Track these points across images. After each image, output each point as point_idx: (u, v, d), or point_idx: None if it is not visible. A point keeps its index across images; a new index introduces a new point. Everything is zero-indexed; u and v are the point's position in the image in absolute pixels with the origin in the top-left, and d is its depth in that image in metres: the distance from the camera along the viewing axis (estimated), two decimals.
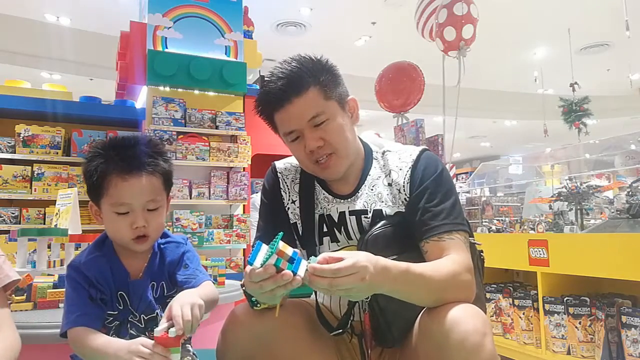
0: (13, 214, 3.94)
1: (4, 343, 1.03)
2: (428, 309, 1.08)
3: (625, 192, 2.92)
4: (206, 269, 1.37)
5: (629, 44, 6.80)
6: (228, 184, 4.32)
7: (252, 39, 4.94)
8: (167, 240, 1.25)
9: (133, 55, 4.19)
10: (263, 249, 0.93)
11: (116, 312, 1.15)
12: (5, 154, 3.91)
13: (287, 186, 1.33)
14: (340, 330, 1.20)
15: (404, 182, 1.22)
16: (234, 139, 4.43)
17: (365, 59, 7.43)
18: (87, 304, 1.10)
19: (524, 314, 2.96)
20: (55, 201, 2.52)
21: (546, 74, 8.56)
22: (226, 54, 4.48)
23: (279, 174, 1.35)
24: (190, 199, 4.15)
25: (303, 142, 1.18)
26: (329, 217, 1.27)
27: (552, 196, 3.55)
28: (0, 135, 3.93)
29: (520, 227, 3.59)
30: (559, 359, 2.68)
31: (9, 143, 3.93)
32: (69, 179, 4.04)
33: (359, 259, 0.93)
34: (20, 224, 3.91)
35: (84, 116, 4.22)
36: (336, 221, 1.26)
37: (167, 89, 4.27)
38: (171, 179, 1.21)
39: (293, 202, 1.31)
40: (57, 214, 2.44)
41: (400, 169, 1.24)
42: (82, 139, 4.11)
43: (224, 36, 4.48)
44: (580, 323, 2.60)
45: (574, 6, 6.55)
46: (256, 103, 1.23)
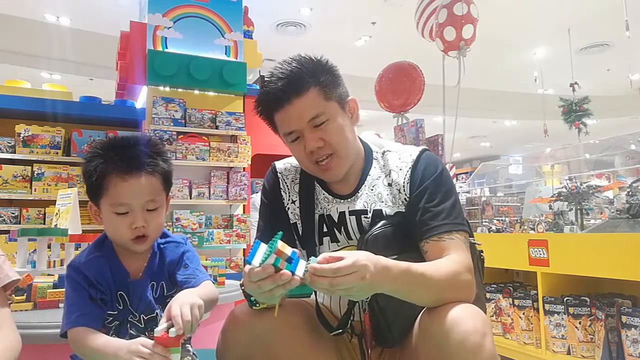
0: (13, 214, 3.94)
1: (4, 343, 1.02)
2: (428, 309, 1.08)
3: (625, 192, 2.92)
4: (206, 269, 1.37)
5: (629, 44, 6.80)
6: (228, 184, 4.32)
7: (252, 39, 4.94)
8: (167, 240, 1.25)
9: (133, 55, 4.19)
10: (262, 249, 0.92)
11: (116, 312, 1.15)
12: (5, 154, 3.91)
13: (287, 186, 1.33)
14: (340, 330, 1.20)
15: (404, 182, 1.22)
16: (234, 139, 4.43)
17: (365, 59, 7.43)
18: (87, 304, 1.10)
19: (524, 314, 2.96)
20: (55, 201, 2.52)
21: (546, 74, 8.55)
22: (226, 54, 4.48)
23: (279, 174, 1.34)
24: (190, 199, 4.15)
25: (303, 142, 1.18)
26: (329, 217, 1.26)
27: (552, 196, 3.55)
28: (0, 135, 3.92)
29: (520, 227, 3.59)
30: (559, 359, 2.69)
31: (9, 143, 3.93)
32: (69, 179, 4.04)
33: (359, 258, 0.93)
34: (20, 224, 3.91)
35: (84, 116, 4.22)
36: (336, 221, 1.26)
37: (167, 89, 4.27)
38: (171, 179, 1.21)
39: (293, 202, 1.31)
40: (57, 214, 2.44)
41: (400, 169, 1.24)
42: (82, 139, 4.11)
43: (224, 36, 4.48)
44: (580, 323, 2.60)
45: (574, 6, 6.55)
46: (256, 103, 1.23)
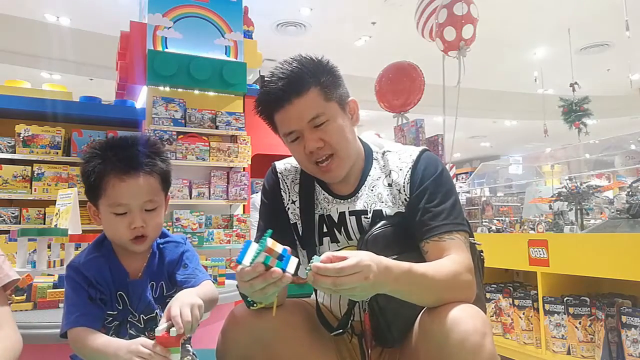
0: (13, 214, 3.94)
1: (4, 343, 1.02)
2: (428, 309, 1.08)
3: (625, 192, 2.92)
4: (206, 269, 1.37)
5: (629, 44, 6.79)
6: (228, 184, 4.32)
7: (252, 39, 4.94)
8: (166, 240, 1.25)
9: (133, 55, 4.19)
10: (252, 247, 0.92)
11: (116, 312, 1.15)
12: (5, 154, 3.91)
13: (287, 186, 1.32)
14: (341, 330, 1.20)
15: (404, 183, 1.22)
16: (234, 139, 4.43)
17: (365, 59, 7.43)
18: (87, 304, 1.10)
19: (524, 314, 2.96)
20: (55, 201, 2.52)
21: (546, 74, 8.55)
22: (226, 54, 4.48)
23: (279, 175, 1.34)
24: (190, 199, 4.15)
25: (303, 142, 1.18)
26: (329, 218, 1.26)
27: (552, 196, 3.55)
28: (0, 135, 3.92)
29: (520, 227, 3.59)
30: (559, 359, 2.69)
31: (9, 143, 3.93)
32: (69, 179, 4.04)
33: (363, 258, 0.93)
34: (20, 224, 3.91)
35: (84, 116, 4.22)
36: (336, 221, 1.26)
37: (167, 89, 4.27)
38: (169, 178, 1.21)
39: (293, 203, 1.31)
40: (57, 214, 2.44)
41: (401, 169, 1.24)
42: (82, 139, 4.11)
43: (224, 36, 4.48)
44: (580, 323, 2.60)
45: (574, 6, 6.55)
46: (256, 103, 1.23)
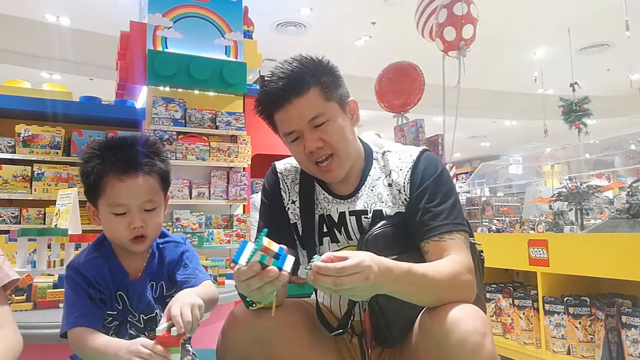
0: (13, 214, 3.94)
1: (4, 343, 1.02)
2: (428, 309, 1.08)
3: (625, 192, 2.92)
4: (206, 269, 1.37)
5: (629, 44, 6.79)
6: (228, 184, 4.32)
7: (252, 39, 4.94)
8: (166, 240, 1.25)
9: (133, 55, 4.19)
10: (248, 247, 0.92)
11: (115, 312, 1.15)
12: (5, 154, 3.90)
13: (287, 186, 1.32)
14: (341, 330, 1.20)
15: (404, 183, 1.22)
16: (234, 139, 4.43)
17: (365, 59, 7.42)
18: (87, 304, 1.10)
19: (524, 314, 2.96)
20: (55, 201, 2.51)
21: (546, 74, 8.55)
22: (226, 54, 4.48)
23: (279, 175, 1.34)
24: (190, 199, 4.15)
25: (303, 142, 1.18)
26: (329, 218, 1.26)
27: (552, 196, 3.55)
28: (0, 135, 3.92)
29: (520, 227, 3.59)
30: (559, 359, 2.69)
31: (9, 143, 3.92)
32: (69, 179, 4.04)
33: (364, 258, 0.93)
34: (20, 224, 3.90)
35: (84, 116, 4.21)
36: (336, 221, 1.26)
37: (167, 89, 4.27)
38: (168, 178, 1.21)
39: (293, 203, 1.31)
40: (57, 214, 2.44)
41: (401, 170, 1.24)
42: (82, 139, 4.11)
43: (224, 36, 4.48)
44: (580, 323, 2.60)
45: (574, 6, 6.55)
46: (256, 103, 1.23)
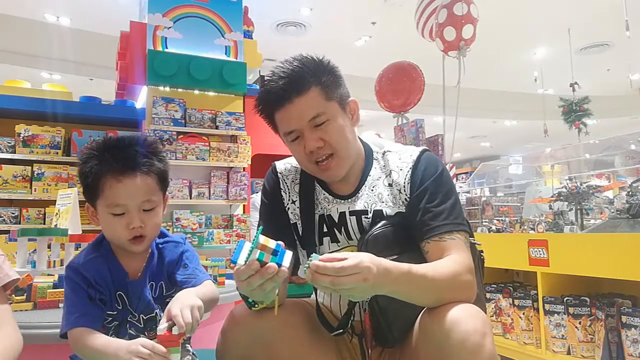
0: (13, 214, 3.94)
1: (4, 342, 1.02)
2: (428, 309, 1.08)
3: (625, 192, 2.92)
4: (206, 269, 1.36)
5: (629, 44, 6.79)
6: (228, 184, 4.32)
7: (252, 39, 4.93)
8: (166, 240, 1.25)
9: (133, 55, 4.19)
10: (245, 246, 0.93)
11: (115, 312, 1.15)
12: (5, 154, 3.90)
13: (287, 186, 1.32)
14: (341, 330, 1.20)
15: (404, 183, 1.22)
16: (234, 139, 4.43)
17: (365, 59, 7.42)
18: (87, 304, 1.10)
19: (524, 314, 2.96)
20: (55, 201, 2.51)
21: (546, 74, 8.55)
22: (226, 54, 4.47)
23: (279, 175, 1.34)
24: (190, 199, 4.15)
25: (303, 142, 1.18)
26: (329, 218, 1.26)
27: (552, 196, 3.55)
28: (0, 135, 3.92)
29: (520, 227, 3.59)
30: (559, 359, 2.68)
31: (9, 143, 3.92)
32: (69, 179, 4.04)
33: (363, 259, 0.93)
34: (20, 224, 3.90)
35: (84, 116, 4.21)
36: (336, 221, 1.25)
37: (167, 89, 4.27)
38: (167, 178, 1.21)
39: (293, 203, 1.31)
40: (57, 214, 2.44)
41: (401, 170, 1.24)
42: (82, 139, 4.11)
43: (224, 36, 4.48)
44: (580, 323, 2.60)
45: (574, 6, 6.54)
46: (257, 102, 1.23)
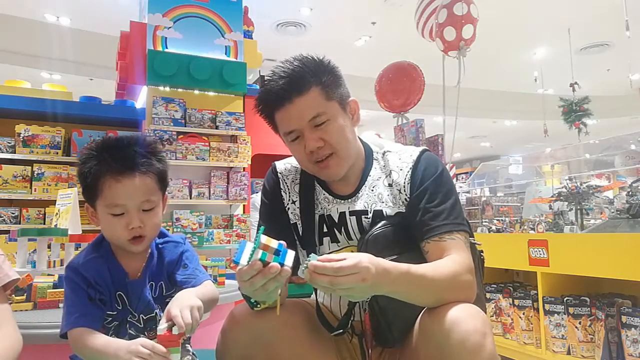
0: (13, 214, 3.94)
1: (4, 342, 1.02)
2: (428, 309, 1.08)
3: (626, 192, 2.92)
4: (206, 269, 1.36)
5: (629, 44, 6.79)
6: (228, 184, 4.32)
7: (252, 39, 4.94)
8: (165, 240, 1.25)
9: (133, 55, 4.19)
10: (248, 247, 0.93)
11: (115, 312, 1.15)
12: (5, 154, 3.91)
13: (287, 186, 1.32)
14: (341, 330, 1.20)
15: (404, 183, 1.22)
16: (234, 139, 4.43)
17: (365, 59, 7.42)
18: (87, 304, 1.10)
19: (524, 314, 2.96)
20: (55, 201, 2.51)
21: (546, 74, 8.55)
22: (226, 54, 4.48)
23: (279, 175, 1.34)
24: (190, 199, 4.15)
25: (303, 142, 1.18)
26: (329, 218, 1.26)
27: (552, 196, 3.55)
28: (0, 135, 3.92)
29: (520, 227, 3.59)
30: (559, 359, 2.68)
31: (9, 143, 3.92)
32: (69, 179, 4.04)
33: (362, 259, 0.93)
34: (20, 224, 3.91)
35: (84, 116, 4.22)
36: (336, 221, 1.25)
37: (167, 89, 4.27)
38: (166, 178, 1.21)
39: (293, 203, 1.31)
40: (57, 214, 2.44)
41: (401, 170, 1.24)
42: (82, 139, 4.11)
43: (224, 36, 4.48)
44: (580, 323, 2.59)
45: (574, 6, 6.55)
46: (257, 102, 1.23)
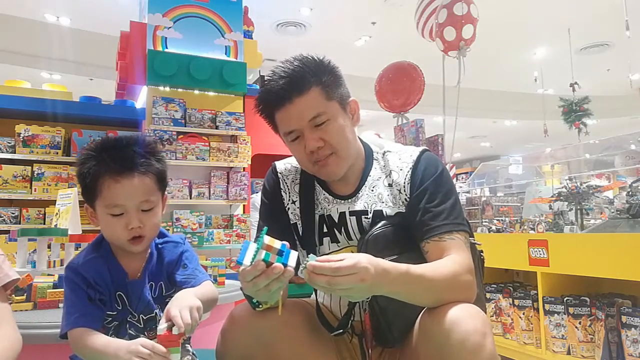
0: (13, 214, 3.94)
1: (3, 342, 1.02)
2: (428, 309, 1.08)
3: (626, 192, 2.92)
4: (206, 269, 1.37)
5: (629, 44, 6.79)
6: (228, 184, 4.32)
7: (252, 39, 4.94)
8: (165, 240, 1.25)
9: (133, 55, 4.19)
10: (251, 247, 0.93)
11: (115, 312, 1.15)
12: (5, 154, 3.91)
13: (288, 186, 1.32)
14: (341, 330, 1.20)
15: (404, 183, 1.22)
16: (234, 139, 4.43)
17: (365, 59, 7.42)
18: (86, 305, 1.10)
19: (524, 314, 2.96)
20: (55, 201, 2.51)
21: (546, 74, 8.55)
22: (226, 54, 4.48)
23: (279, 175, 1.34)
24: (190, 199, 4.15)
25: (303, 142, 1.18)
26: (329, 218, 1.26)
27: (552, 196, 3.55)
28: (0, 135, 3.92)
29: (520, 227, 3.59)
30: (559, 359, 2.68)
31: (9, 143, 3.92)
32: (69, 179, 4.04)
33: (360, 260, 0.93)
34: (20, 224, 3.90)
35: (84, 116, 4.22)
36: (336, 221, 1.25)
37: (167, 89, 4.27)
38: (165, 178, 1.21)
39: (293, 203, 1.31)
40: (57, 214, 2.44)
41: (401, 170, 1.24)
42: (82, 139, 4.11)
43: (224, 36, 4.48)
44: (580, 323, 2.60)
45: (574, 6, 6.55)
46: (257, 102, 1.22)
